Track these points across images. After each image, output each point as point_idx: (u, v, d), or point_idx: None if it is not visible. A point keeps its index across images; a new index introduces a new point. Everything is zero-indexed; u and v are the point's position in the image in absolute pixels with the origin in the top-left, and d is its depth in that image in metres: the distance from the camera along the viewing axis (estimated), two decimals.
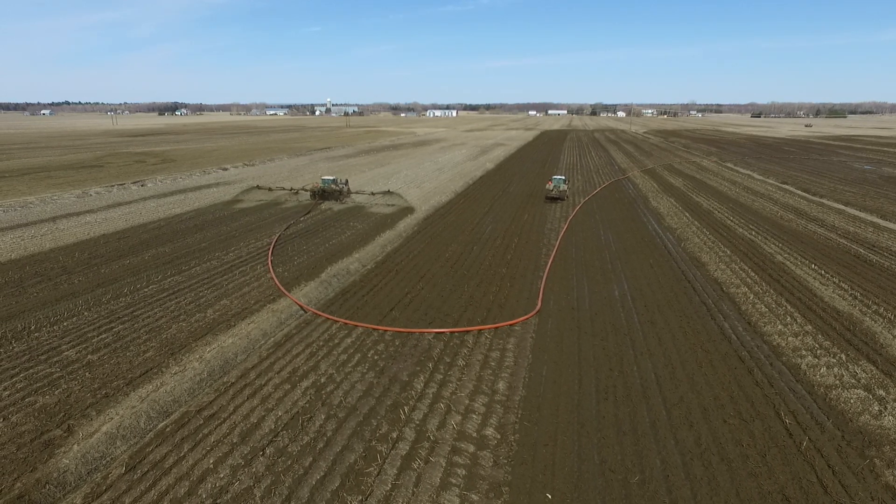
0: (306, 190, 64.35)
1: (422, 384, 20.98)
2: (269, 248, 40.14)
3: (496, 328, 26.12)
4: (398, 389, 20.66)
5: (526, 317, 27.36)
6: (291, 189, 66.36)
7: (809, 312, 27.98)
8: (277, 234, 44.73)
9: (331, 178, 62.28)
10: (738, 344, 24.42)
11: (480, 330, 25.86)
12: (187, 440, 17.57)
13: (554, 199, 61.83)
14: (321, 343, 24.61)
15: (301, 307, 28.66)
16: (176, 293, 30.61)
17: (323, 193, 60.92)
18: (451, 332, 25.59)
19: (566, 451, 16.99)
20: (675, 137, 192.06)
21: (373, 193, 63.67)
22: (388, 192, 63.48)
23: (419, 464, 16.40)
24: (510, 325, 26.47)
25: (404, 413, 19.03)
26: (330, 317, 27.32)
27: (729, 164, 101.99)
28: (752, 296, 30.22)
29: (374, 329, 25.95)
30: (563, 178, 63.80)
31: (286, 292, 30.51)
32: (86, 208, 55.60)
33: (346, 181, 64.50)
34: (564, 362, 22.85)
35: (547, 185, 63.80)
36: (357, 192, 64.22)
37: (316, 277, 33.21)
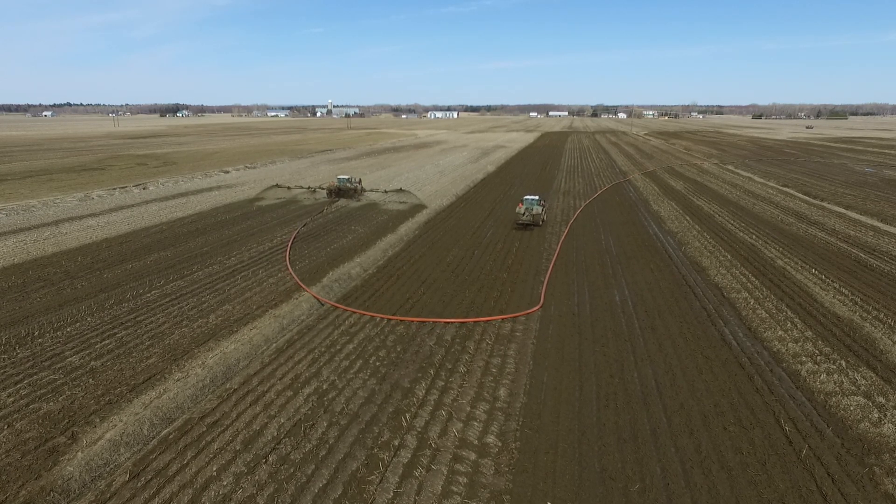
0: (323, 188, 67.28)
1: (423, 391, 21.09)
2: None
3: (503, 319, 28.02)
4: (400, 396, 20.77)
5: (531, 310, 29.16)
6: (309, 188, 69.56)
7: (810, 318, 28.05)
8: (295, 232, 46.58)
9: (346, 177, 66.28)
10: (739, 350, 24.50)
11: (488, 321, 27.71)
12: (190, 447, 17.68)
13: (526, 227, 48.89)
14: (323, 349, 24.73)
15: (318, 300, 30.46)
16: (178, 298, 30.76)
17: (339, 191, 64.40)
18: (462, 323, 27.47)
19: (567, 459, 17.09)
20: (676, 139, 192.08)
21: (385, 191, 66.59)
22: (401, 190, 66.13)
23: (421, 472, 16.49)
24: (515, 317, 28.29)
25: (406, 420, 19.13)
26: (347, 308, 29.28)
27: (730, 167, 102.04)
28: (752, 301, 30.29)
29: (389, 319, 27.96)
30: (538, 198, 50.58)
31: (306, 288, 31.83)
32: (88, 212, 55.80)
33: (360, 180, 67.91)
34: (565, 369, 22.95)
35: (517, 209, 50.20)
36: (371, 190, 67.29)
37: (318, 282, 33.31)
